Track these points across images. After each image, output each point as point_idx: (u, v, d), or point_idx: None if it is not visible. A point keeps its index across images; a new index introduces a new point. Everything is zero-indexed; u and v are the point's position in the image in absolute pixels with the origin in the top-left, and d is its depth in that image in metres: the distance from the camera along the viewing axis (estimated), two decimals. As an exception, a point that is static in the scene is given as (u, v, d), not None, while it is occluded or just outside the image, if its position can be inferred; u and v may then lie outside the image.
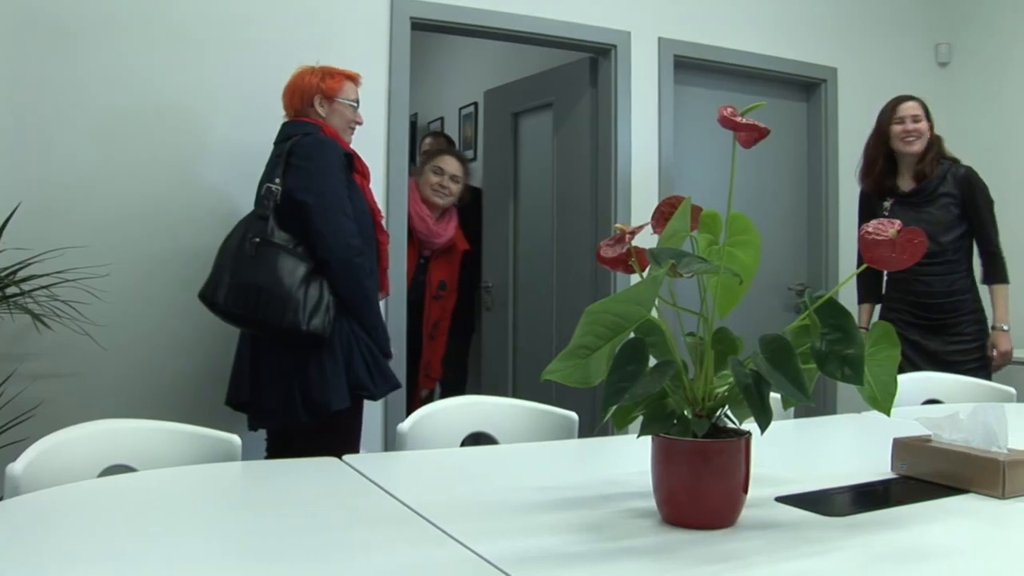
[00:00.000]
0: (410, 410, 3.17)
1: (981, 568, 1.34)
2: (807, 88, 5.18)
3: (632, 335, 1.35)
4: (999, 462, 1.67)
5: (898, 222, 1.35)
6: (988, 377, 3.94)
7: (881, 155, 4.08)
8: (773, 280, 4.96)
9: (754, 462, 1.46)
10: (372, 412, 3.61)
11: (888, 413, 1.48)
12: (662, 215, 1.44)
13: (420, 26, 4.13)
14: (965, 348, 3.99)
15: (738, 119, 1.35)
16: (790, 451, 2.27)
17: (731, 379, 1.36)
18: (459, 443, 2.31)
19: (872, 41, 5.34)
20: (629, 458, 1.48)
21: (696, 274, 1.31)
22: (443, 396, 3.95)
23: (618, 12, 4.46)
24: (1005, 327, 4.01)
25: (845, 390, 4.16)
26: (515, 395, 2.83)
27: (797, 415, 2.73)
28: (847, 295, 4.10)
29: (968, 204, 4.01)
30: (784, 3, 5.00)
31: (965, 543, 1.45)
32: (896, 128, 4.02)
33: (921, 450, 1.81)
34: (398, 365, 3.75)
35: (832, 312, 1.35)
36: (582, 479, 1.83)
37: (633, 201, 4.45)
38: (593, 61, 4.58)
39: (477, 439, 2.35)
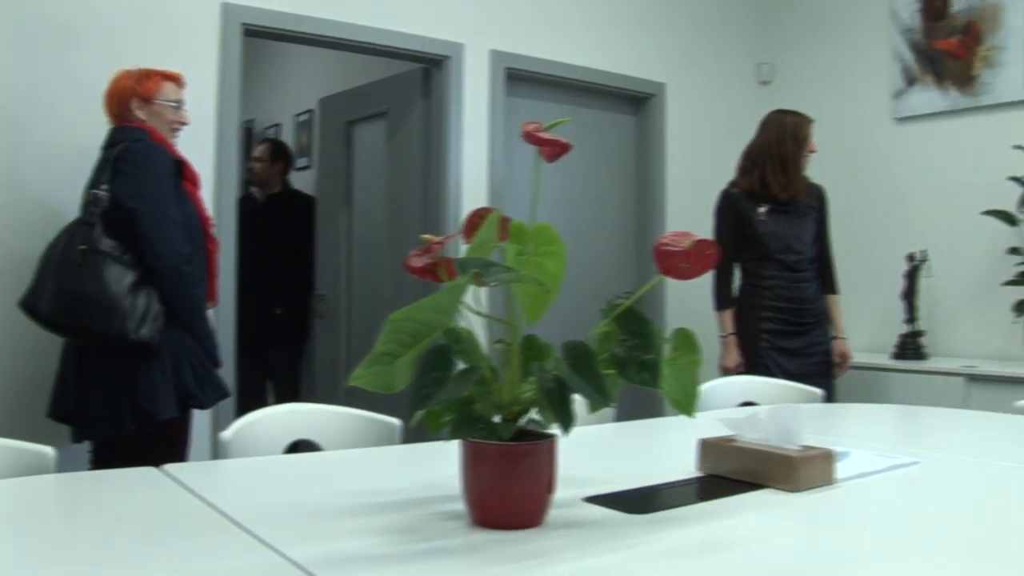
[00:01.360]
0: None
1: (770, 555, 1.43)
2: (637, 102, 5.34)
3: (441, 342, 1.39)
4: (793, 458, 1.78)
5: (692, 233, 1.42)
6: (831, 380, 4.21)
7: (782, 163, 4.22)
8: (602, 288, 5.09)
9: (567, 464, 1.51)
10: (200, 421, 3.55)
11: (691, 414, 1.55)
12: (471, 226, 1.49)
13: (253, 33, 4.09)
14: (821, 350, 4.27)
15: (540, 134, 1.40)
16: (604, 453, 2.35)
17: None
18: (282, 451, 2.31)
19: (699, 58, 5.55)
20: (448, 462, 1.51)
21: (501, 283, 1.36)
22: (277, 403, 3.93)
23: (451, 24, 4.51)
24: (846, 336, 4.30)
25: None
26: (348, 403, 2.83)
27: (622, 418, 2.82)
28: (690, 301, 4.25)
29: (821, 218, 4.33)
30: (615, 20, 5.14)
31: (757, 534, 1.54)
32: (808, 148, 4.25)
33: (724, 449, 1.91)
34: (228, 373, 3.71)
35: (632, 320, 1.42)
36: (399, 484, 1.85)
37: (464, 211, 4.49)
38: (426, 72, 4.62)
39: (301, 446, 2.35)
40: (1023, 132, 4.62)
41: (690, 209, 5.07)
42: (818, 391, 3.38)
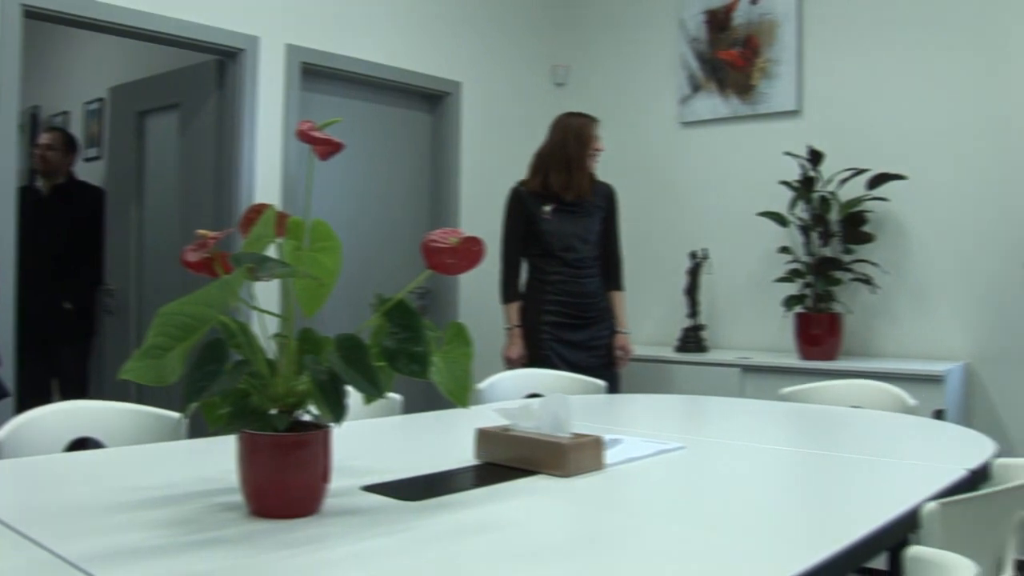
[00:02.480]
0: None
1: (536, 535, 1.53)
2: (433, 100, 5.40)
3: (217, 336, 1.41)
4: (563, 445, 1.89)
5: (460, 231, 1.50)
6: (615, 372, 4.38)
7: (565, 164, 4.36)
8: (395, 285, 5.11)
9: (349, 455, 1.56)
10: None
11: (465, 405, 1.62)
12: (248, 221, 1.51)
13: (34, 15, 3.93)
14: (604, 343, 4.42)
15: (314, 133, 1.45)
16: (386, 444, 2.42)
17: (314, 376, 1.45)
18: (62, 449, 2.26)
19: (495, 59, 5.66)
20: (230, 456, 1.53)
21: (275, 277, 1.39)
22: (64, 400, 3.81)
23: (246, 16, 4.45)
24: (627, 330, 4.48)
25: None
26: (140, 399, 2.78)
27: (429, 410, 2.89)
28: (484, 295, 4.32)
29: (609, 217, 4.48)
30: (413, 17, 5.19)
31: (526, 516, 1.64)
32: (591, 148, 4.38)
33: (499, 438, 2.00)
34: (8, 372, 3.58)
35: (402, 313, 1.48)
36: (178, 478, 1.86)
37: (259, 205, 4.44)
38: (220, 64, 4.55)
39: (84, 445, 2.31)
40: (793, 140, 4.93)
41: (484, 207, 5.18)
42: (601, 383, 3.54)
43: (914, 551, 1.30)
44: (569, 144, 4.37)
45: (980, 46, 4.54)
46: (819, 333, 4.65)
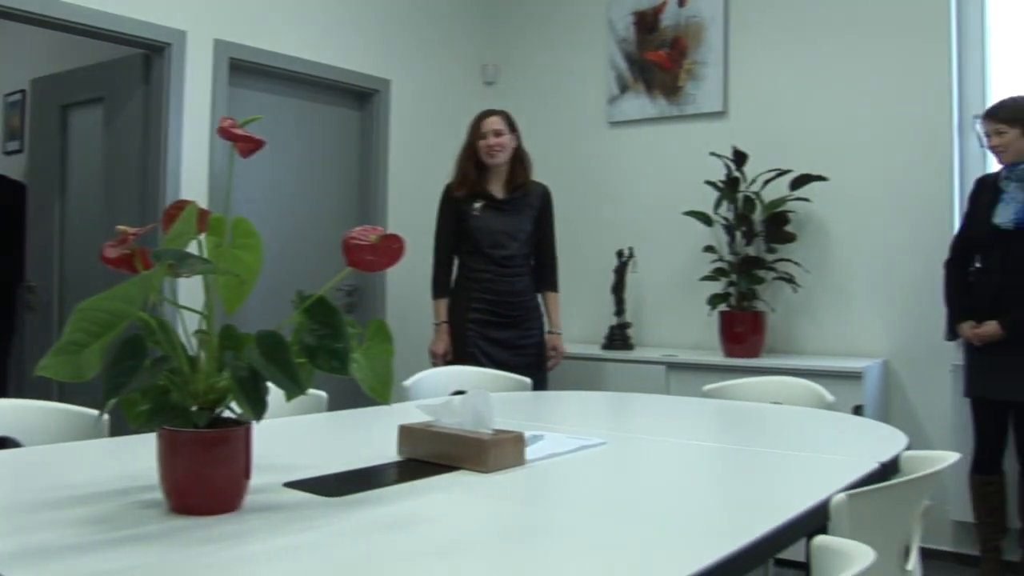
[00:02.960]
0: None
1: (454, 529, 1.55)
2: (361, 97, 5.39)
3: (136, 332, 1.41)
4: (484, 441, 1.91)
5: (380, 228, 1.51)
6: (544, 371, 4.40)
7: (471, 165, 4.39)
8: (324, 281, 5.08)
9: (272, 452, 1.57)
10: None
11: (387, 400, 1.64)
12: (170, 217, 1.51)
13: (-51, 4, 3.85)
14: (532, 343, 4.44)
15: (235, 131, 1.45)
16: (310, 441, 2.43)
17: (235, 373, 1.45)
18: (-22, 449, 2.23)
19: (425, 57, 5.66)
20: (151, 453, 1.53)
21: (196, 274, 1.40)
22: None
23: (174, 10, 4.39)
24: (560, 331, 4.51)
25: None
26: (61, 397, 2.74)
27: (355, 407, 2.89)
28: (413, 291, 4.32)
29: (542, 217, 4.50)
30: (341, 15, 5.17)
31: (446, 511, 1.66)
32: (480, 143, 4.36)
33: (422, 434, 2.02)
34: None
35: (322, 310, 1.49)
36: (98, 476, 1.85)
37: (185, 201, 4.39)
38: (146, 58, 4.49)
39: (0, 444, 2.27)
40: (719, 140, 5.01)
41: (411, 204, 5.19)
42: (527, 380, 3.57)
43: (819, 540, 1.34)
44: (470, 145, 4.42)
45: (900, 50, 4.66)
46: (742, 331, 4.73)
